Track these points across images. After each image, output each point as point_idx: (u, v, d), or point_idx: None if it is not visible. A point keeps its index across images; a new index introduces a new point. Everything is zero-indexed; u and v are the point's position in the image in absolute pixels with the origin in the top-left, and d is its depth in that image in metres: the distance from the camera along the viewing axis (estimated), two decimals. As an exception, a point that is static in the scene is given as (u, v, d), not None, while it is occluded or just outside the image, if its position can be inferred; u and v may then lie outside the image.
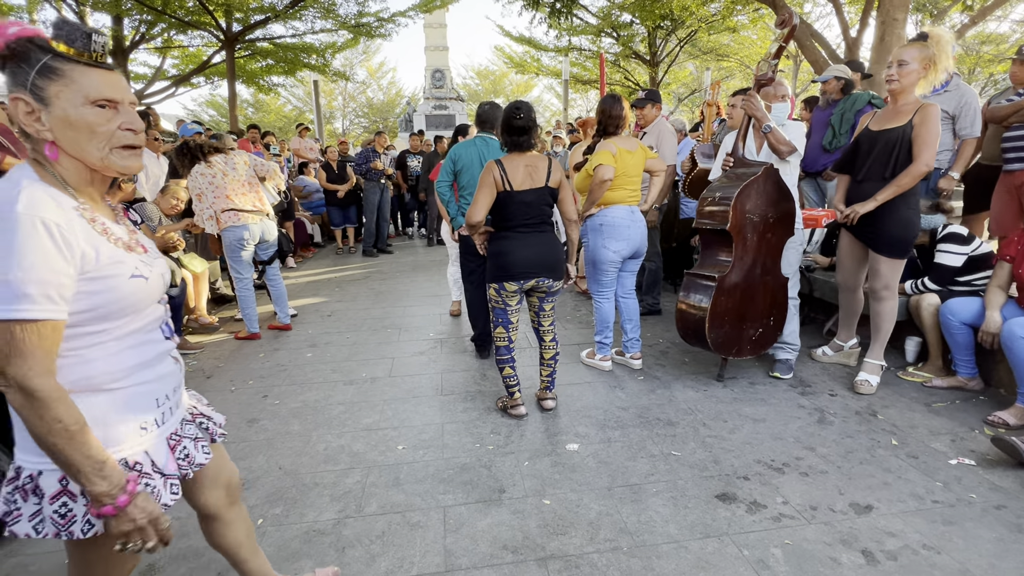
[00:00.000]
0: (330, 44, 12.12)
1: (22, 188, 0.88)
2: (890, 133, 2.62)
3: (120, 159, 0.97)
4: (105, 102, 0.93)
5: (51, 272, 0.86)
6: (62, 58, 0.91)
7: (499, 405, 2.89)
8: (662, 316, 4.46)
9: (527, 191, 2.60)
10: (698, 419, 2.72)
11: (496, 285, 2.67)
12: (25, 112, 0.90)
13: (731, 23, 12.90)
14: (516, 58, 19.28)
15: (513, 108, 2.61)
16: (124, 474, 0.95)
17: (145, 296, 1.01)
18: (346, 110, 27.77)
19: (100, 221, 0.98)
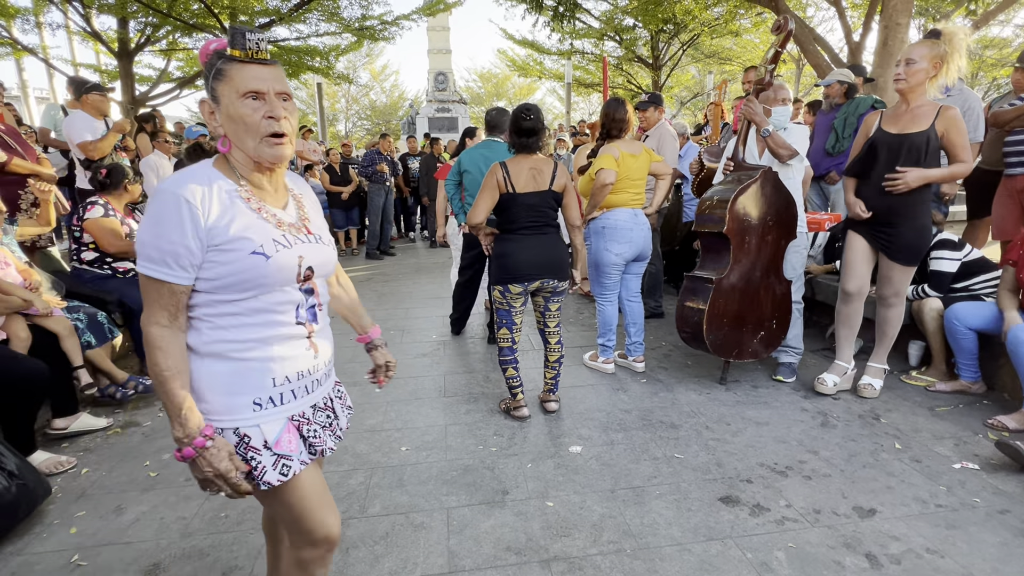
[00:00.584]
0: (334, 47, 12.17)
1: (187, 170, 1.04)
2: (915, 138, 2.55)
3: (268, 148, 1.04)
4: (253, 93, 1.01)
5: (169, 242, 0.97)
6: (226, 59, 1.03)
7: (502, 407, 2.89)
8: (664, 319, 4.46)
9: (530, 194, 2.61)
10: (701, 422, 2.72)
11: (501, 287, 2.68)
12: (208, 113, 1.06)
13: (733, 27, 12.91)
14: (519, 61, 19.32)
15: (523, 109, 2.63)
16: (200, 427, 1.01)
17: (265, 273, 1.04)
18: (349, 112, 27.86)
19: (257, 201, 1.08)
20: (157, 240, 0.97)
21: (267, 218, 1.08)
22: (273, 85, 1.03)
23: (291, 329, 1.11)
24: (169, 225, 0.97)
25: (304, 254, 1.11)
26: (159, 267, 0.98)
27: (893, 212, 2.67)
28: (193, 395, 1.05)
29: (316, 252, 1.15)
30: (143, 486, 2.27)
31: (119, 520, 2.05)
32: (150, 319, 1.01)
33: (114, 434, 2.72)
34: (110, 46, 10.04)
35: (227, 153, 1.08)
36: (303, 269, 1.11)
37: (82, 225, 3.31)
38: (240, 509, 2.09)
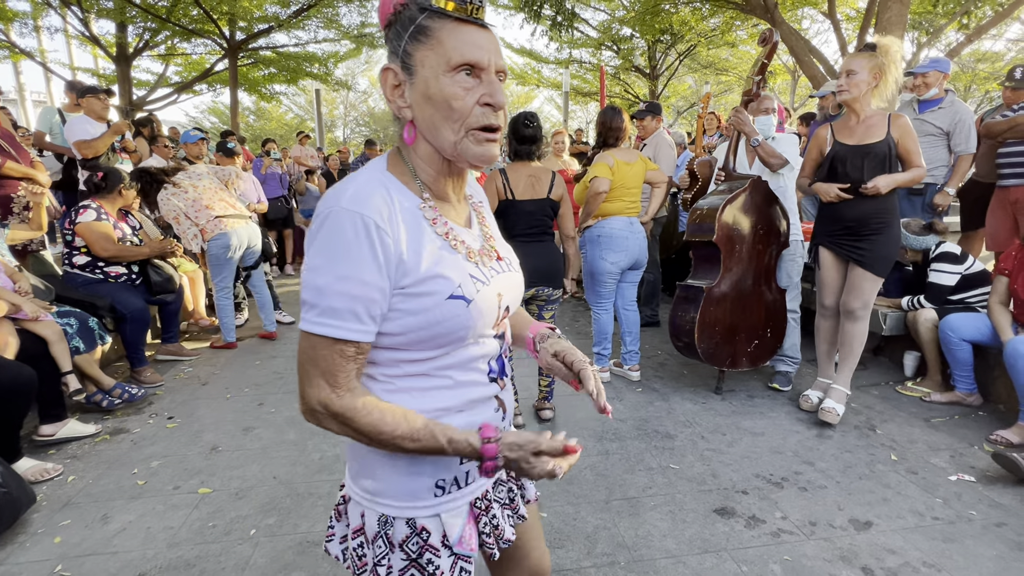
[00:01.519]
0: (332, 54, 12.21)
1: (358, 179, 0.78)
2: (876, 147, 2.55)
3: (475, 146, 0.76)
4: (469, 67, 0.73)
5: (362, 284, 0.72)
6: (433, 12, 0.73)
7: (496, 416, 2.86)
8: (660, 328, 4.45)
9: (529, 201, 2.61)
10: (696, 432, 2.71)
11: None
12: (392, 86, 0.77)
13: (730, 38, 13.03)
14: (517, 69, 19.43)
15: (525, 116, 2.64)
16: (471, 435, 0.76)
17: (466, 323, 0.79)
18: (347, 119, 27.93)
19: (444, 223, 0.81)
20: (343, 283, 0.71)
21: (457, 246, 0.81)
22: (494, 58, 0.74)
23: (483, 389, 0.86)
24: (358, 260, 0.71)
25: (503, 290, 0.85)
26: (346, 322, 0.72)
27: (863, 222, 2.62)
28: (359, 468, 0.85)
29: (512, 284, 0.89)
30: (130, 495, 2.23)
31: (105, 529, 2.01)
32: (328, 392, 0.74)
33: (102, 441, 2.68)
34: (108, 50, 10.06)
35: (410, 145, 0.80)
36: (502, 310, 0.86)
37: (74, 229, 3.29)
38: (228, 519, 2.06)
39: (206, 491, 2.25)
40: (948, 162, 3.69)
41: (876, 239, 2.63)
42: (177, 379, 3.49)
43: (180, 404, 3.11)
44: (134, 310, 3.30)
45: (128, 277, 3.47)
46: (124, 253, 3.42)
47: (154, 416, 2.96)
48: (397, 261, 0.74)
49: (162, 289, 3.60)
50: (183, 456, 2.53)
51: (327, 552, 0.97)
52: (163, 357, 3.79)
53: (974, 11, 9.16)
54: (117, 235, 3.41)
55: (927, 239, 3.17)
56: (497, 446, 0.75)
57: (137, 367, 3.38)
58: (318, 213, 0.74)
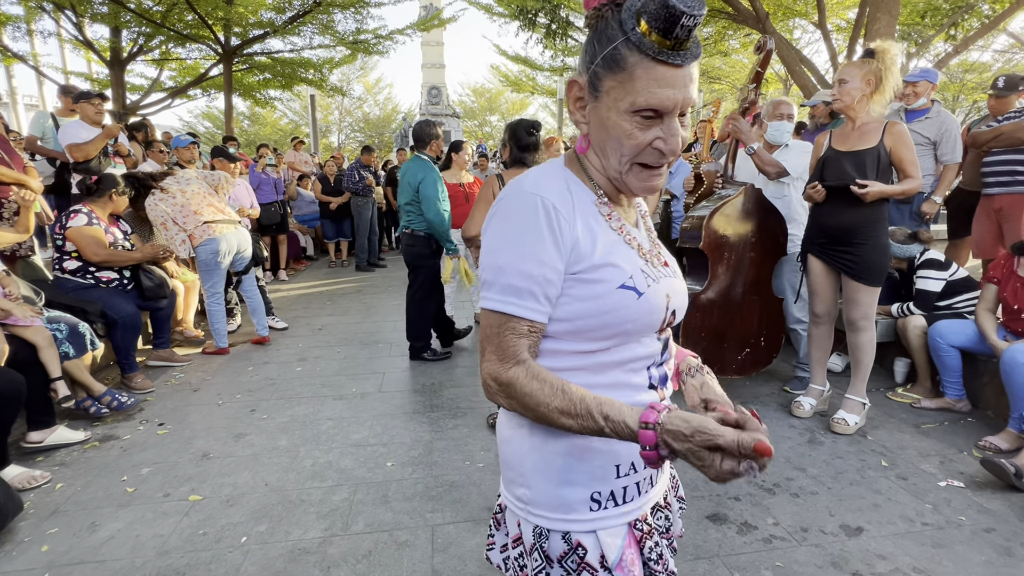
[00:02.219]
0: (328, 60, 12.24)
1: (538, 169, 0.81)
2: (864, 154, 2.55)
3: (636, 179, 0.76)
4: (652, 112, 0.70)
5: (539, 263, 0.73)
6: (635, 44, 0.68)
7: (490, 422, 2.86)
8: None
9: None
10: (689, 438, 2.71)
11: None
12: (576, 97, 0.78)
13: (723, 47, 13.16)
14: (512, 77, 19.56)
15: (528, 125, 2.68)
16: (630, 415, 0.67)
17: (634, 315, 0.77)
18: (342, 124, 27.93)
19: (617, 219, 0.82)
20: (522, 262, 0.73)
21: (630, 241, 0.81)
22: (683, 98, 0.70)
23: (642, 395, 0.82)
24: (536, 239, 0.73)
25: (671, 292, 0.83)
26: (523, 300, 0.73)
27: (849, 232, 2.61)
28: (513, 476, 0.83)
29: (679, 290, 0.87)
30: (119, 502, 2.21)
31: (93, 537, 1.99)
32: (496, 365, 0.75)
33: (91, 448, 2.65)
34: (102, 55, 10.03)
35: (582, 154, 0.81)
36: (668, 312, 0.83)
37: (64, 234, 3.26)
38: (219, 526, 2.04)
39: (196, 498, 2.23)
40: (935, 171, 3.74)
41: (861, 248, 2.61)
42: (168, 385, 3.46)
43: (171, 410, 3.09)
44: (125, 315, 3.28)
45: (119, 282, 3.45)
46: (115, 258, 3.40)
47: (144, 422, 2.93)
48: (572, 245, 0.75)
49: (154, 294, 3.58)
50: (173, 463, 2.51)
51: (488, 560, 0.96)
52: (154, 363, 3.76)
53: (961, 23, 9.32)
54: (108, 240, 3.39)
55: (911, 247, 3.20)
56: (656, 433, 0.65)
57: (128, 373, 3.35)
58: (499, 198, 0.77)
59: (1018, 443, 2.48)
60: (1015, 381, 2.46)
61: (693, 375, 0.89)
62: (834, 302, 2.86)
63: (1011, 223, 3.44)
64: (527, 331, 0.75)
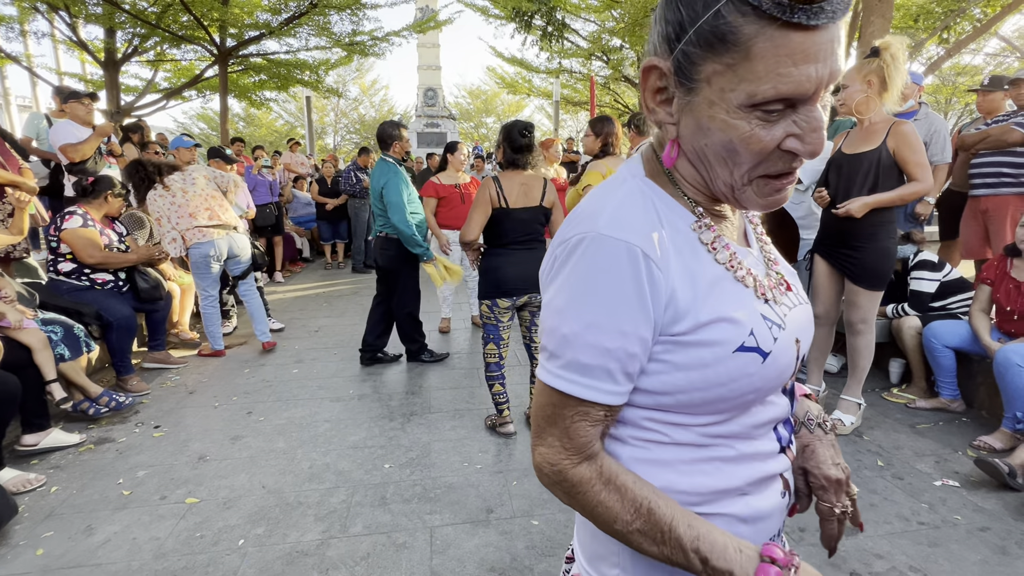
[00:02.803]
0: (323, 61, 12.21)
1: (616, 192, 0.60)
2: (866, 156, 2.54)
3: (758, 195, 0.57)
4: (781, 103, 0.51)
5: (620, 336, 0.55)
6: (751, 9, 0.48)
7: (488, 423, 2.86)
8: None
9: (522, 209, 2.63)
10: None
11: (489, 301, 2.68)
12: (654, 89, 0.57)
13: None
14: (508, 79, 19.57)
15: (522, 127, 2.67)
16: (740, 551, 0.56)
17: (758, 384, 0.59)
18: (338, 126, 27.90)
19: (724, 246, 0.61)
20: (596, 333, 0.55)
21: (745, 279, 0.61)
22: (830, 71, 0.50)
23: (770, 463, 0.65)
24: (618, 303, 0.55)
25: (800, 332, 0.65)
26: (596, 381, 0.57)
27: (851, 235, 2.61)
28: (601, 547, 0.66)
29: (806, 322, 0.68)
30: (115, 505, 2.19)
31: (89, 541, 1.97)
32: (560, 455, 0.59)
33: (86, 451, 2.64)
34: (96, 56, 9.98)
35: (671, 167, 0.62)
36: (798, 360, 0.65)
37: (59, 236, 3.25)
38: (216, 529, 2.03)
39: (193, 501, 2.22)
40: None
41: (862, 252, 2.60)
42: (164, 387, 3.45)
43: (167, 413, 3.07)
44: (120, 317, 3.26)
45: (115, 284, 3.43)
46: (110, 260, 3.38)
47: (140, 425, 2.92)
48: (668, 300, 0.56)
49: (150, 296, 3.56)
50: (170, 465, 2.50)
51: None
52: (149, 365, 3.74)
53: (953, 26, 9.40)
54: (103, 242, 3.38)
55: (905, 248, 3.23)
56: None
57: (123, 375, 3.33)
58: (565, 239, 0.58)
59: (1012, 442, 2.50)
60: (1008, 381, 2.47)
61: (799, 432, 0.73)
62: (835, 304, 2.86)
63: (996, 224, 3.48)
64: (602, 417, 0.59)
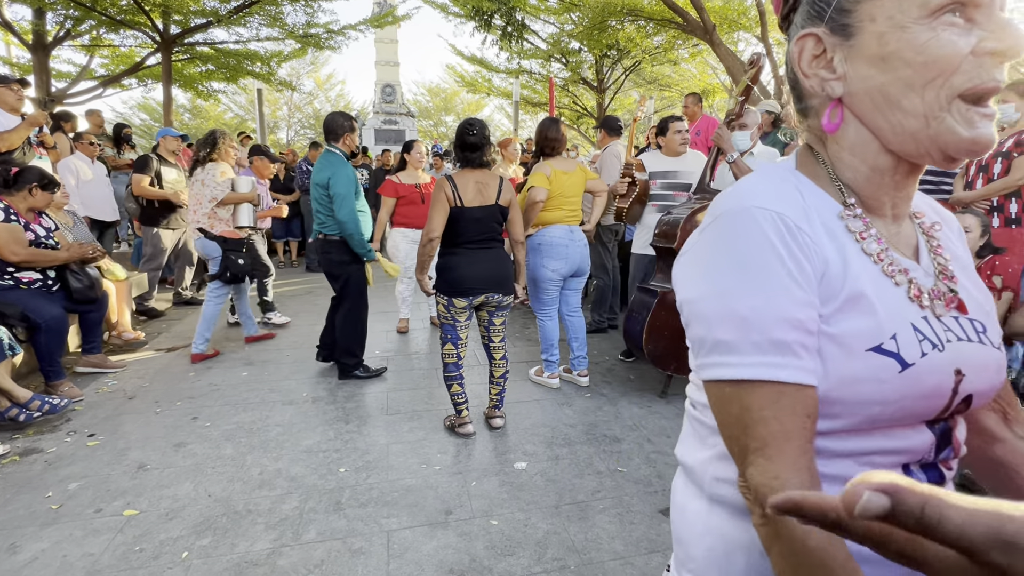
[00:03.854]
0: (276, 53, 11.80)
1: (759, 175, 0.59)
2: None
3: (963, 126, 0.49)
4: (958, 5, 0.48)
5: (791, 303, 0.50)
6: None
7: (447, 424, 2.83)
8: (609, 334, 4.55)
9: (477, 208, 2.61)
10: (643, 435, 2.78)
11: (445, 300, 2.65)
12: (811, 56, 0.55)
13: (672, 56, 13.62)
14: (467, 77, 19.48)
15: (467, 124, 2.65)
16: None
17: (888, 395, 0.51)
18: (291, 120, 27.03)
19: (876, 239, 0.56)
20: (777, 304, 0.50)
21: (896, 276, 0.55)
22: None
23: None
24: (784, 271, 0.50)
25: (966, 366, 0.54)
26: (795, 358, 0.50)
27: None
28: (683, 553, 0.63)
29: (984, 362, 0.56)
30: (43, 520, 2.04)
31: (13, 560, 1.83)
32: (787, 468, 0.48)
33: (10, 463, 2.44)
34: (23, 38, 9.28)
35: (833, 133, 0.57)
36: (956, 398, 0.55)
37: (-20, 230, 2.99)
38: (157, 542, 1.92)
39: (132, 512, 2.09)
40: None
41: None
42: (99, 393, 3.24)
43: (103, 420, 2.88)
44: (49, 319, 3.04)
45: (43, 283, 3.20)
46: (37, 258, 3.14)
47: (72, 433, 2.73)
48: (823, 272, 0.52)
49: (83, 296, 3.34)
50: (106, 476, 2.35)
51: None
52: (83, 369, 3.51)
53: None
54: (29, 237, 3.14)
55: None
56: None
57: (53, 381, 3.11)
58: (706, 222, 0.57)
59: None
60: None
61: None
62: None
63: None
64: (811, 409, 0.49)
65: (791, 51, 0.57)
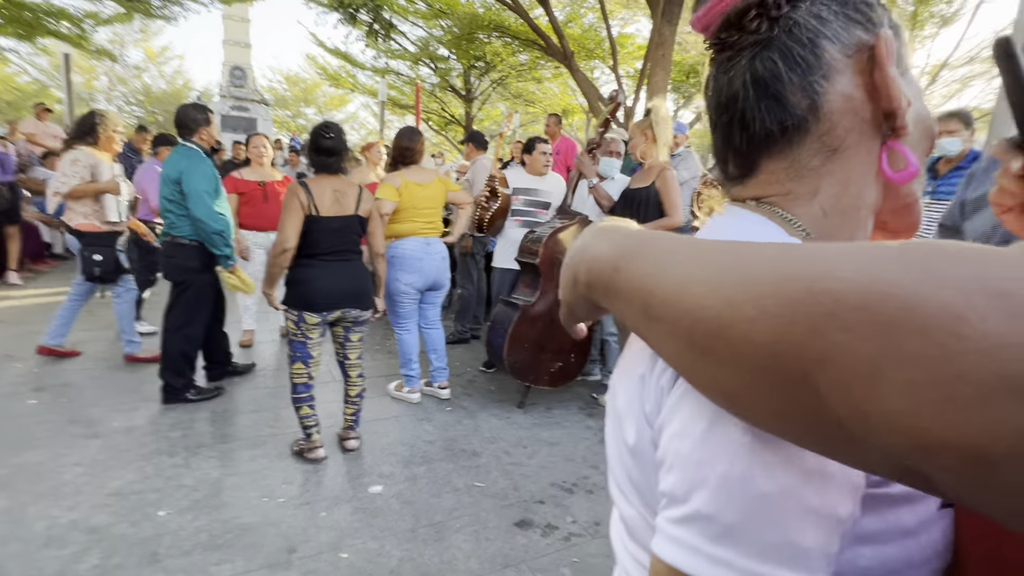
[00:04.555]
0: (92, 14, 9.99)
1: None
2: (639, 192, 3.09)
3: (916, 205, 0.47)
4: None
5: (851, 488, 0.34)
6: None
7: (294, 449, 2.61)
8: (471, 344, 4.59)
9: (334, 218, 2.46)
10: (501, 447, 2.84)
11: (295, 316, 2.44)
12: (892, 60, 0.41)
13: (536, 75, 14.33)
14: (330, 70, 18.43)
15: (323, 128, 2.48)
16: None
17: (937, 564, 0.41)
18: (112, 94, 23.14)
19: None
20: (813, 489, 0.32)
21: None
22: None
23: None
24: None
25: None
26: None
27: None
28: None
29: None
30: None
31: None
32: None
33: None
34: None
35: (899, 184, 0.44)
36: None
37: None
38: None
39: None
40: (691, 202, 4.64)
41: None
42: None
43: None
44: None
45: None
46: None
47: None
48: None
49: None
50: None
51: None
52: None
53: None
54: None
55: None
56: None
57: None
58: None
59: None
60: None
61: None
62: None
63: None
64: None
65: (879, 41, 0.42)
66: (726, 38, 0.45)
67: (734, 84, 0.44)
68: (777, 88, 0.42)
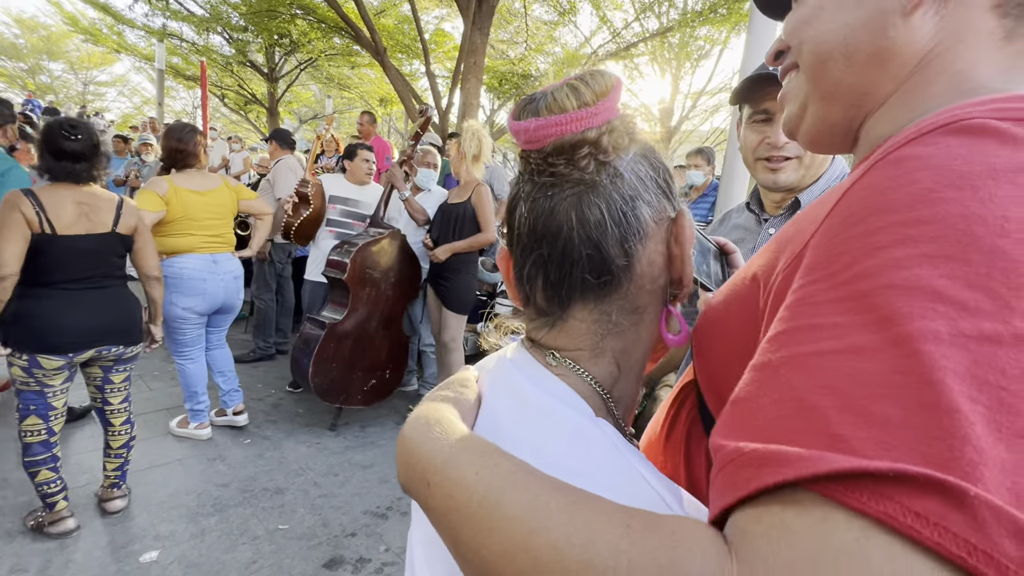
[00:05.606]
0: None
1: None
2: (457, 207, 3.16)
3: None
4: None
5: None
6: None
7: (30, 524, 2.09)
8: (276, 360, 4.21)
9: (82, 237, 2.01)
10: (309, 479, 2.67)
11: (25, 361, 1.95)
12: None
13: (352, 59, 13.57)
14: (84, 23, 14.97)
15: (67, 125, 2.00)
16: None
17: None
18: None
19: None
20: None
21: None
22: None
23: None
24: None
25: None
26: None
27: (444, 269, 3.18)
28: None
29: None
30: None
31: None
32: None
33: None
34: None
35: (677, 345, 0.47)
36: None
37: None
38: None
39: None
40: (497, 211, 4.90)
41: (451, 283, 3.18)
42: None
43: None
44: None
45: None
46: None
47: None
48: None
49: None
50: None
51: None
52: None
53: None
54: None
55: (495, 275, 4.07)
56: None
57: None
58: None
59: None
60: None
61: None
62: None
63: None
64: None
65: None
66: (553, 163, 0.44)
67: (557, 217, 0.44)
68: (601, 239, 0.43)
